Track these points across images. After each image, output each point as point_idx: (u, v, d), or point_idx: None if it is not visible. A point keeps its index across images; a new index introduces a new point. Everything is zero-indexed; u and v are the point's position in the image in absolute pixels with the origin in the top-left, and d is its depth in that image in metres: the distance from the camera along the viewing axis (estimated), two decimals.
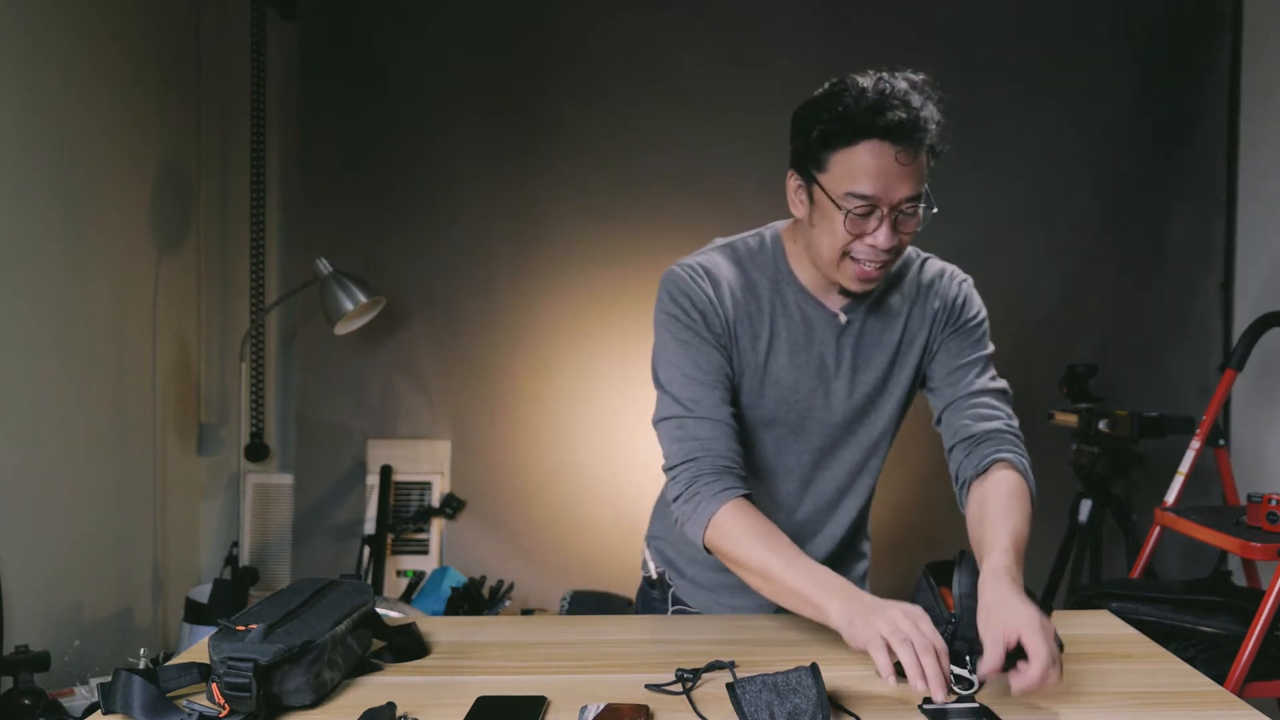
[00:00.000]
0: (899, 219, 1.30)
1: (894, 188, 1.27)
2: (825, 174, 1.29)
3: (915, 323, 1.46)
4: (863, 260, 1.31)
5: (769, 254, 1.42)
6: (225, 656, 1.04)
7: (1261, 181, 3.06)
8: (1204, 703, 1.11)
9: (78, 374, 2.63)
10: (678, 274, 1.39)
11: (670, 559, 1.57)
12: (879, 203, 1.27)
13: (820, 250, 1.33)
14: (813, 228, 1.33)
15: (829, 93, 1.31)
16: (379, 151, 3.22)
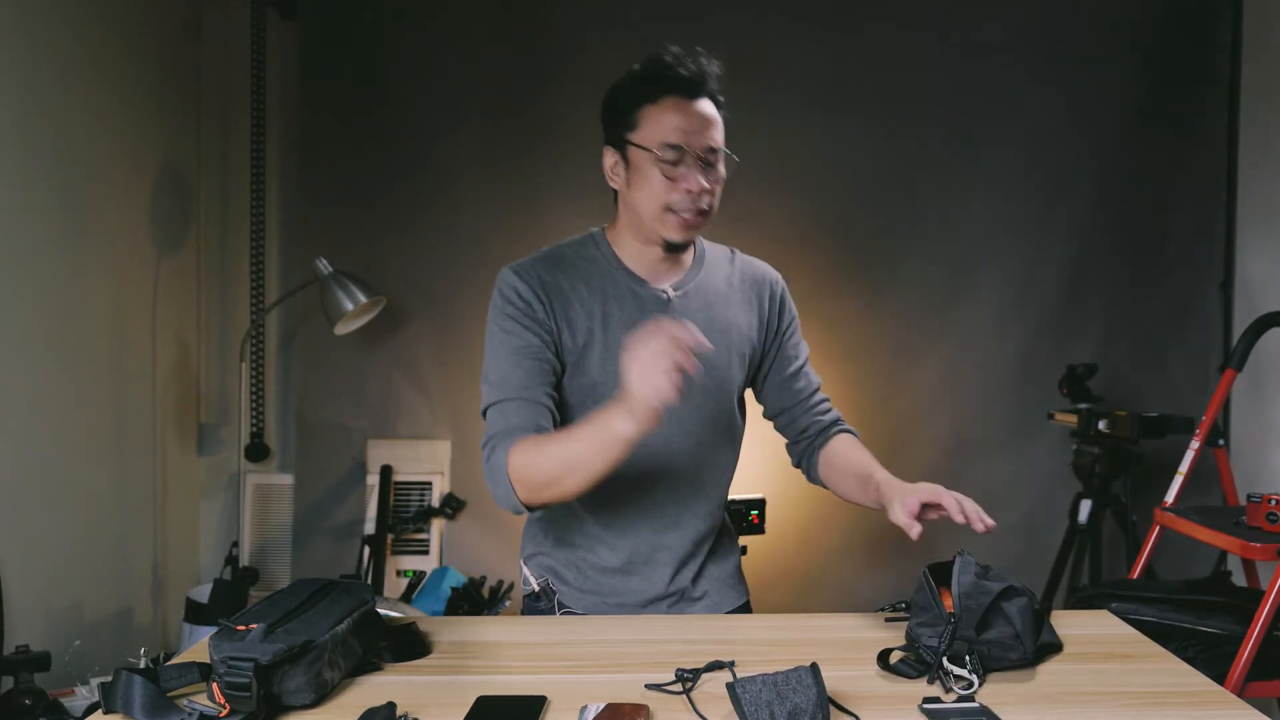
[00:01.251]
0: (706, 169, 1.44)
1: (698, 136, 1.43)
2: (637, 131, 1.45)
3: (738, 306, 1.58)
4: (680, 209, 1.44)
5: (596, 246, 1.55)
6: (225, 656, 1.04)
7: (1261, 181, 3.06)
8: (1204, 703, 1.11)
9: (78, 374, 2.63)
10: (505, 273, 1.51)
11: (551, 567, 1.63)
12: (687, 149, 1.42)
13: (642, 210, 1.46)
14: (632, 190, 1.47)
15: (630, 70, 1.48)
16: (379, 151, 3.22)
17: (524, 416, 1.41)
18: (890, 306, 3.20)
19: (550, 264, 1.52)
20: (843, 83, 3.20)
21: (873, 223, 3.21)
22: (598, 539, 1.55)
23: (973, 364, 3.25)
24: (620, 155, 1.48)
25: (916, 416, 3.23)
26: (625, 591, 1.55)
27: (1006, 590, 1.24)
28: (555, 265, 1.51)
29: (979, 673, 1.16)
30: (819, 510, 3.03)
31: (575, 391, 1.49)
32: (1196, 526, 2.26)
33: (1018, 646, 1.20)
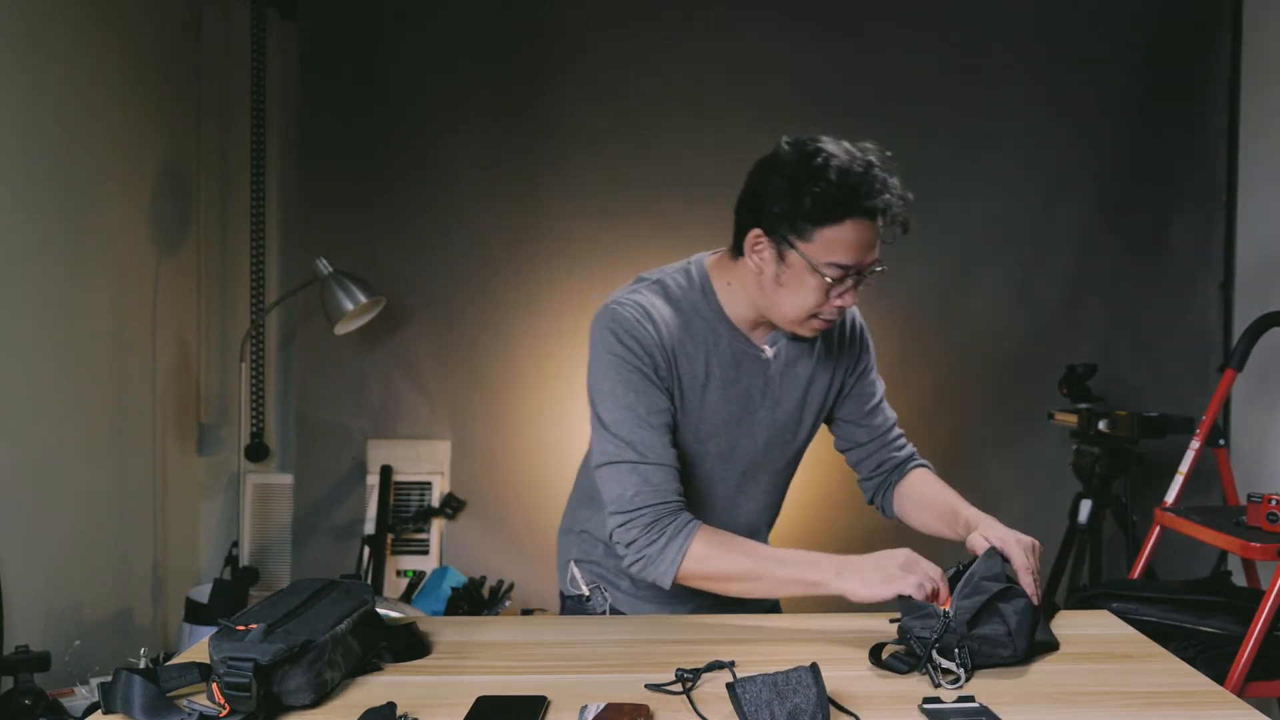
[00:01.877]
0: (861, 281, 1.42)
1: (868, 257, 1.38)
2: (808, 244, 1.36)
3: (822, 354, 1.56)
4: (826, 317, 1.42)
5: (699, 292, 1.47)
6: (225, 656, 1.04)
7: (1261, 181, 3.06)
8: (1204, 703, 1.11)
9: (78, 374, 2.63)
10: (621, 315, 1.42)
11: (603, 575, 1.58)
12: (855, 271, 1.38)
13: (785, 309, 1.41)
14: (780, 287, 1.40)
15: (808, 166, 1.34)
16: (379, 151, 3.22)
17: (671, 486, 1.38)
18: (890, 306, 3.19)
19: (664, 308, 1.44)
20: (842, 83, 3.20)
21: None
22: None
23: (973, 364, 3.25)
24: (776, 251, 1.38)
25: (917, 416, 3.21)
26: (677, 600, 1.54)
27: (1005, 590, 1.24)
28: (669, 310, 1.44)
29: (966, 667, 1.17)
30: (819, 511, 3.03)
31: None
32: (1196, 526, 2.26)
33: (1009, 644, 1.20)
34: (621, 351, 1.40)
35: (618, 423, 1.39)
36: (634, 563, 1.37)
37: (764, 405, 1.50)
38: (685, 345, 1.44)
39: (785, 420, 1.53)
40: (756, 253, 1.40)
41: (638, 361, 1.39)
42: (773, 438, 1.53)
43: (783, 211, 1.36)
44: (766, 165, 1.40)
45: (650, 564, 1.36)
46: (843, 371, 1.59)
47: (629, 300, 1.44)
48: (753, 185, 1.41)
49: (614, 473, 1.38)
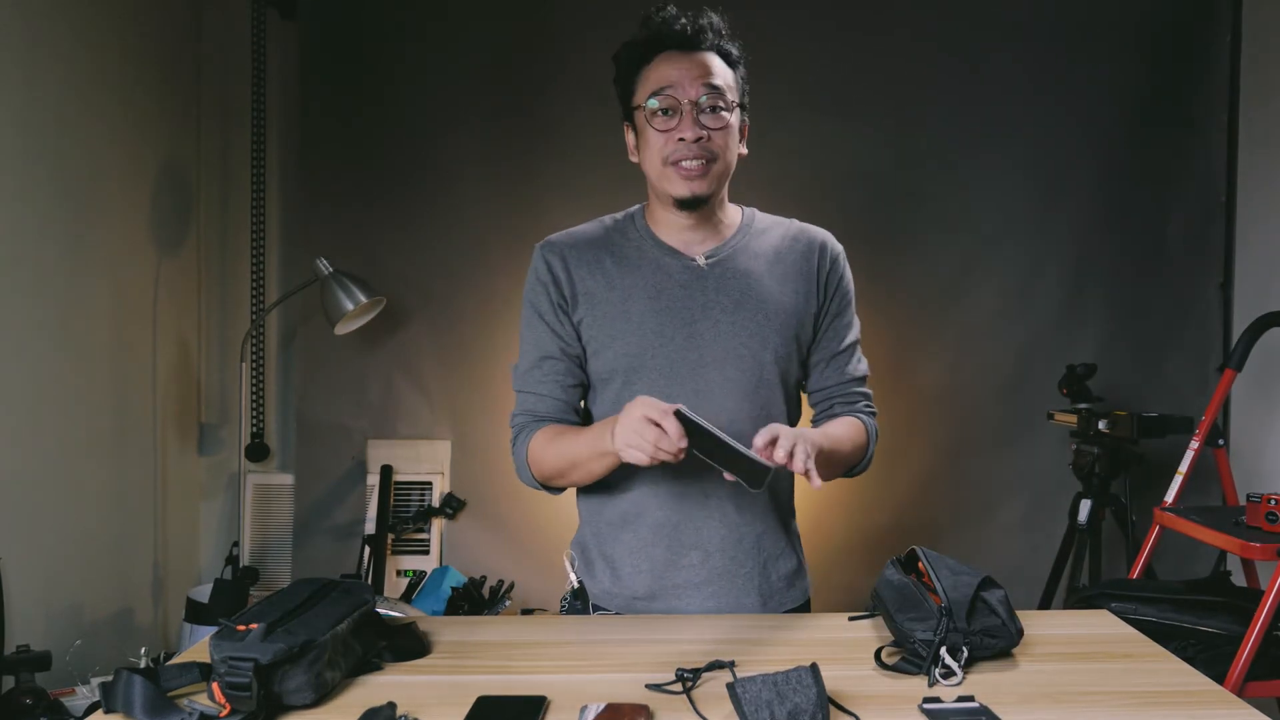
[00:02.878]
0: (702, 116, 1.41)
1: (687, 82, 1.41)
2: (635, 94, 1.45)
3: (790, 268, 1.52)
4: (678, 159, 1.41)
5: (629, 219, 1.56)
6: (226, 656, 1.04)
7: (1261, 181, 3.06)
8: (1203, 703, 1.11)
9: (78, 374, 2.64)
10: (534, 251, 1.56)
11: (586, 551, 1.57)
12: (676, 95, 1.40)
13: (649, 172, 1.46)
14: (641, 158, 1.47)
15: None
16: (379, 151, 3.22)
17: (539, 407, 1.52)
18: (890, 306, 3.20)
19: (579, 238, 1.54)
20: (842, 83, 3.21)
21: (872, 223, 3.21)
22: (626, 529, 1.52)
23: (973, 364, 3.25)
24: (632, 127, 1.48)
25: (917, 416, 3.23)
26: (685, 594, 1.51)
27: (984, 581, 1.26)
28: (584, 240, 1.53)
29: (959, 663, 1.18)
30: (819, 511, 3.03)
31: (603, 366, 1.49)
32: (1196, 526, 2.27)
33: (1004, 633, 1.22)
34: (529, 280, 1.56)
35: (520, 353, 1.58)
36: (516, 470, 1.54)
37: (705, 317, 1.47)
38: (602, 263, 1.50)
39: (734, 332, 1.46)
40: (632, 149, 1.50)
41: (532, 295, 1.55)
42: (724, 353, 1.46)
43: (618, 88, 1.49)
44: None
45: (520, 477, 1.53)
46: (814, 297, 1.52)
47: (550, 238, 1.56)
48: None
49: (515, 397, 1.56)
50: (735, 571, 1.49)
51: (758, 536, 1.50)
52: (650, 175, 1.47)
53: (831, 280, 1.54)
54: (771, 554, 1.52)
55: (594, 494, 1.55)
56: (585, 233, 1.55)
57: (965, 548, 3.14)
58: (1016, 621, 1.25)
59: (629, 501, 1.50)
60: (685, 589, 1.49)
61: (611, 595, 1.52)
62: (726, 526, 1.48)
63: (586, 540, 1.57)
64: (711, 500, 1.48)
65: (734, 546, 1.49)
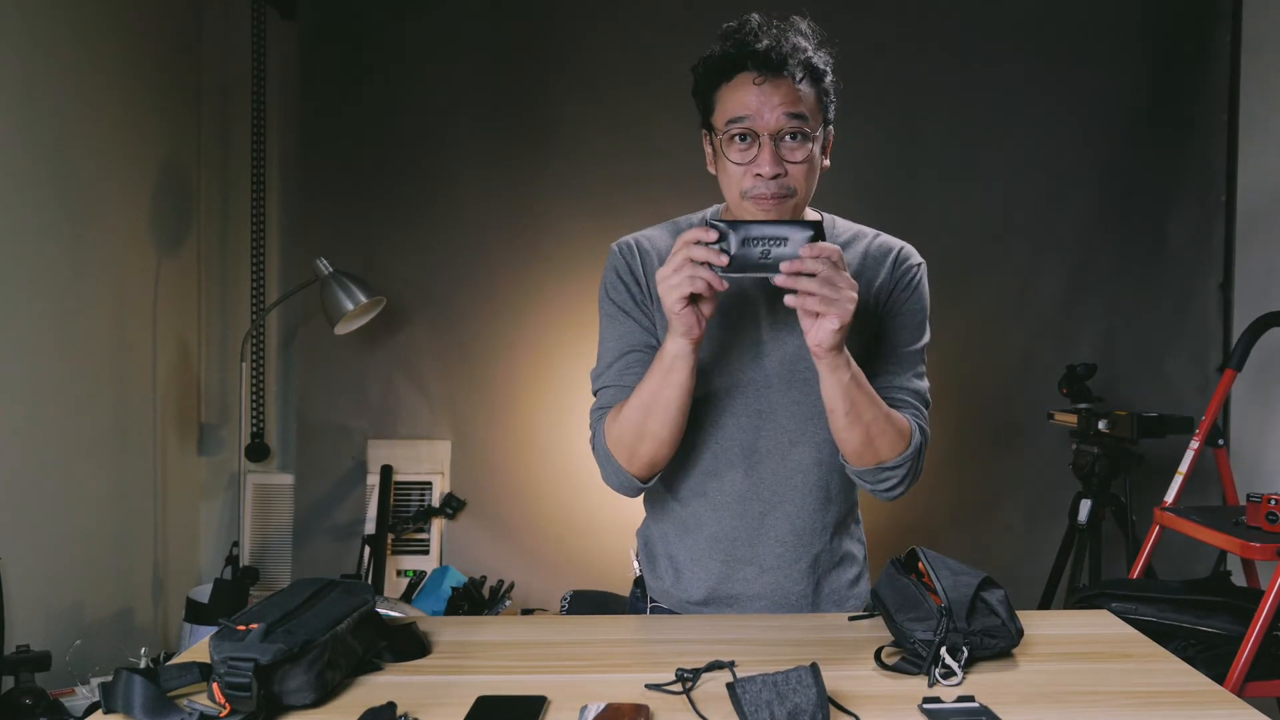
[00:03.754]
0: (782, 148, 1.35)
1: (766, 111, 1.33)
2: (713, 115, 1.38)
3: (864, 289, 1.43)
4: (756, 193, 1.35)
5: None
6: (226, 656, 1.04)
7: (1261, 182, 3.06)
8: (1204, 703, 1.11)
9: (78, 374, 2.63)
10: (611, 250, 1.49)
11: (650, 545, 1.56)
12: (755, 126, 1.33)
13: (727, 196, 1.41)
14: (718, 177, 1.41)
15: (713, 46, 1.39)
16: (379, 151, 3.22)
17: (619, 399, 1.41)
18: None
19: (657, 243, 1.48)
20: (842, 83, 3.20)
21: (872, 223, 3.20)
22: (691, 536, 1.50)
23: (973, 364, 3.25)
24: (710, 141, 1.41)
25: None
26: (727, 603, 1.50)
27: (984, 581, 1.26)
28: (661, 243, 1.48)
29: (964, 663, 1.18)
30: None
31: None
32: (1196, 526, 2.27)
33: (1004, 633, 1.21)
34: (603, 282, 1.48)
35: (599, 355, 1.48)
36: (603, 475, 1.43)
37: (772, 332, 1.42)
38: None
39: (803, 356, 1.39)
40: (710, 160, 1.43)
41: (614, 292, 1.46)
42: (788, 372, 1.42)
43: (696, 98, 1.41)
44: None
45: (606, 478, 1.43)
46: (877, 302, 1.46)
47: (626, 237, 1.50)
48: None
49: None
50: (789, 589, 1.48)
51: (815, 556, 1.48)
52: (728, 200, 1.42)
53: (899, 288, 1.47)
54: (826, 568, 1.50)
55: (658, 494, 1.53)
56: (658, 238, 1.49)
57: (965, 548, 3.14)
58: (1016, 621, 1.25)
59: (689, 512, 1.49)
60: (739, 599, 1.48)
61: (669, 595, 1.52)
62: (782, 545, 1.46)
63: (652, 535, 1.56)
64: (769, 519, 1.45)
65: (789, 565, 1.47)
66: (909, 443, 1.39)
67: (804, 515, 1.46)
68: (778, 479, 1.45)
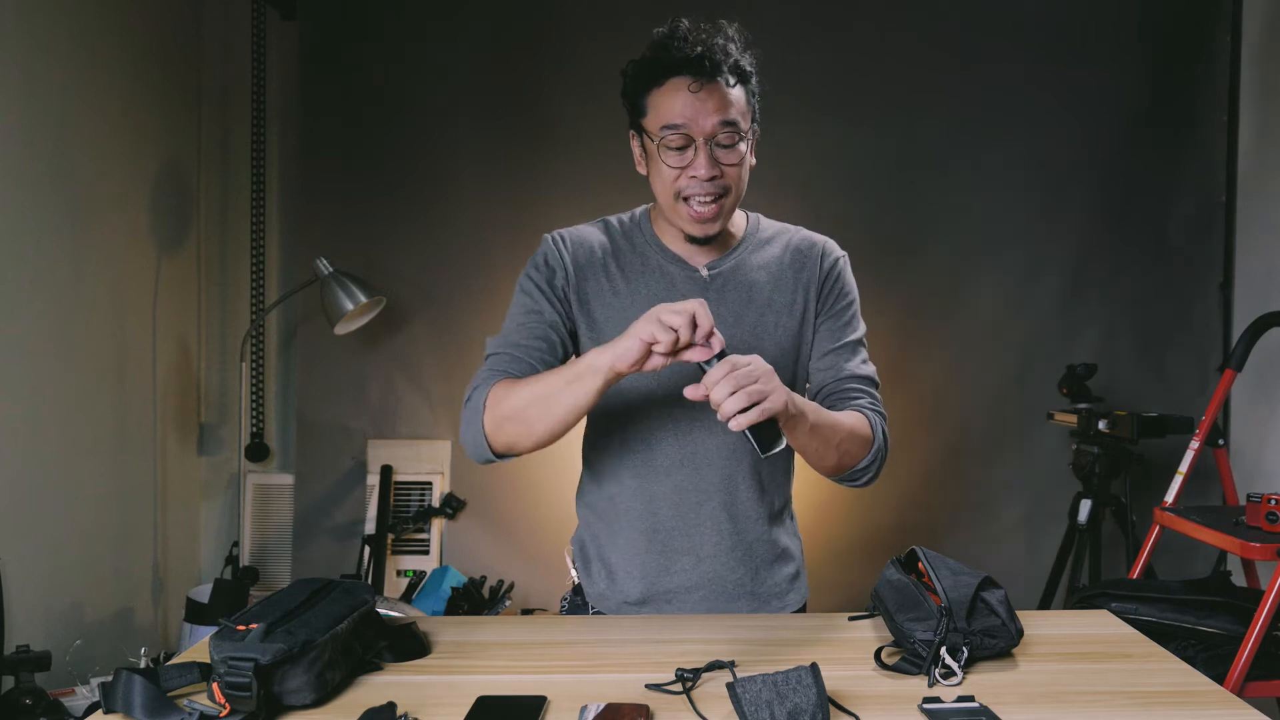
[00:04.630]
0: (717, 151, 1.37)
1: (701, 117, 1.35)
2: (646, 118, 1.40)
3: (790, 282, 1.50)
4: (692, 198, 1.38)
5: (636, 224, 1.53)
6: (226, 656, 1.04)
7: (1261, 181, 3.06)
8: (1204, 703, 1.11)
9: (78, 374, 2.64)
10: (544, 239, 1.52)
11: (584, 550, 1.56)
12: (691, 132, 1.36)
13: (659, 199, 1.43)
14: (650, 179, 1.43)
15: (645, 51, 1.42)
16: (379, 151, 3.22)
17: (511, 367, 1.41)
18: (890, 307, 3.20)
19: (589, 240, 1.51)
20: (842, 84, 3.21)
21: (872, 224, 3.21)
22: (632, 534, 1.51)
23: (973, 364, 3.25)
24: (640, 142, 1.44)
25: (917, 416, 3.23)
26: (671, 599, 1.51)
27: (984, 581, 1.27)
28: (593, 242, 1.50)
29: (964, 663, 1.18)
30: (820, 511, 3.03)
31: None
32: (1196, 526, 2.27)
33: (1004, 633, 1.22)
34: (530, 264, 1.51)
35: (503, 329, 1.48)
36: (462, 442, 1.41)
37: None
38: (609, 266, 1.48)
39: (736, 347, 1.42)
40: (639, 160, 1.45)
41: (536, 273, 1.49)
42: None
43: (626, 99, 1.43)
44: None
45: (464, 437, 1.40)
46: (805, 303, 1.49)
47: (560, 231, 1.53)
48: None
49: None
50: (726, 577, 1.49)
51: (750, 544, 1.50)
52: (660, 200, 1.44)
53: (828, 283, 1.51)
54: (764, 560, 1.52)
55: (590, 495, 1.55)
56: (593, 232, 1.53)
57: (965, 548, 3.14)
58: (1016, 621, 1.25)
59: (622, 505, 1.50)
60: (677, 594, 1.49)
61: (605, 598, 1.53)
62: (719, 533, 1.48)
63: (584, 540, 1.57)
64: (705, 506, 1.48)
65: (726, 553, 1.49)
66: (873, 441, 1.44)
67: (741, 503, 1.49)
68: (711, 467, 1.47)
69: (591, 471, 1.57)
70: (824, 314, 1.51)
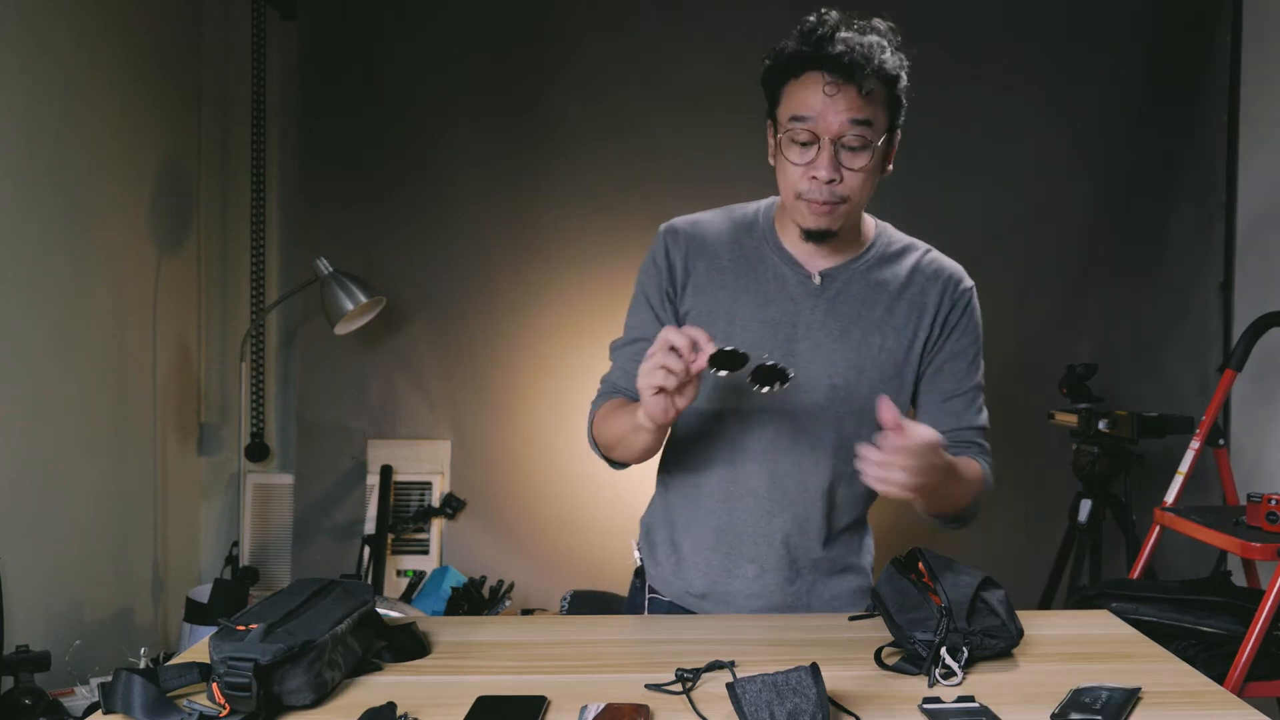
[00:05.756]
0: (842, 153, 1.33)
1: (831, 115, 1.31)
2: (779, 108, 1.37)
3: (908, 305, 1.45)
4: (810, 196, 1.35)
5: (758, 217, 1.50)
6: (225, 656, 1.04)
7: (1261, 181, 3.06)
8: (1204, 703, 1.11)
9: (78, 374, 2.63)
10: (657, 232, 1.51)
11: (651, 532, 1.57)
12: (817, 129, 1.32)
13: (782, 192, 1.40)
14: (776, 171, 1.40)
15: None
16: (379, 151, 3.22)
17: (621, 382, 1.50)
18: None
19: (705, 228, 1.49)
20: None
21: None
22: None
23: None
24: (773, 129, 1.39)
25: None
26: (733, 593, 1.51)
27: (985, 581, 1.27)
28: (709, 230, 1.49)
29: (964, 663, 1.18)
30: None
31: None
32: (1196, 526, 2.26)
33: (1004, 634, 1.22)
34: (646, 259, 1.50)
35: (621, 337, 1.53)
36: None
37: (807, 338, 1.41)
38: (724, 258, 1.46)
39: (835, 361, 1.40)
40: (771, 152, 1.41)
41: (644, 276, 1.49)
42: (817, 378, 1.40)
43: (764, 86, 1.40)
44: None
45: (589, 426, 1.52)
46: (924, 332, 1.45)
47: (678, 219, 1.51)
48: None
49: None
50: (784, 589, 1.48)
51: (815, 561, 1.48)
52: (782, 195, 1.41)
53: (952, 317, 1.46)
54: (824, 575, 1.50)
55: (668, 480, 1.54)
56: (711, 222, 1.50)
57: (965, 548, 3.13)
58: (1016, 622, 1.25)
59: (697, 502, 1.49)
60: (736, 598, 1.49)
61: (670, 584, 1.52)
62: (786, 547, 1.46)
63: (656, 521, 1.56)
64: (776, 520, 1.45)
65: (788, 567, 1.47)
66: (982, 488, 1.45)
67: (811, 520, 1.47)
68: (791, 480, 1.45)
69: (676, 449, 1.53)
70: (949, 351, 1.46)
